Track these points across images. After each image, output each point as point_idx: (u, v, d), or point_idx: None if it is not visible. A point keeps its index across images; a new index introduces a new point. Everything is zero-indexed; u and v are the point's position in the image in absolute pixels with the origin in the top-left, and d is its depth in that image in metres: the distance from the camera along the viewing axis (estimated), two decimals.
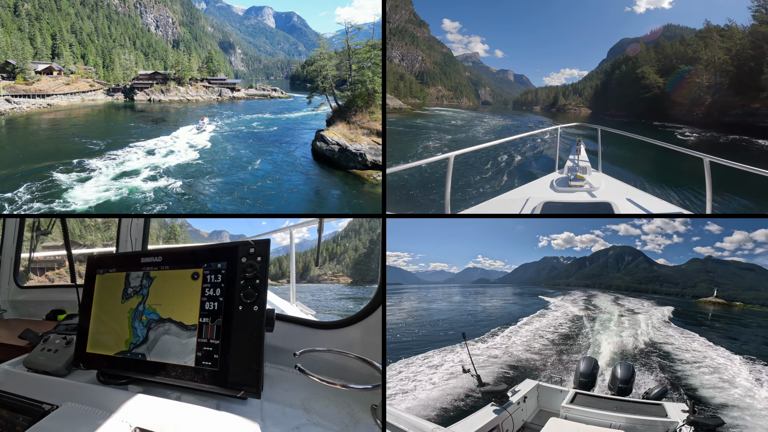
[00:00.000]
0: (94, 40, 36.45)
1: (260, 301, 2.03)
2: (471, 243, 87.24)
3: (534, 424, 3.79)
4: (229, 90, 35.55)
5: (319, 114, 22.35)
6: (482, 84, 57.63)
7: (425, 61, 54.66)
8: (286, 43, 73.39)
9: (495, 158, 20.19)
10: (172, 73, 34.32)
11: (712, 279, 47.22)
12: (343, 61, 19.54)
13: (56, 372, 2.47)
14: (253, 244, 2.10)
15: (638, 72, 39.81)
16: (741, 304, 37.77)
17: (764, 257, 54.73)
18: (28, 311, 4.95)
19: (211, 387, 2.03)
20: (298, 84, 51.12)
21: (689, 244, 68.86)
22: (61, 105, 29.36)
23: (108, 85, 32.86)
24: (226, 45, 58.96)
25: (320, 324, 2.83)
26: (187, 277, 2.19)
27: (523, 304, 26.75)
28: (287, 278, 5.45)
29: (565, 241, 73.42)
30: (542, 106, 52.18)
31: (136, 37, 40.48)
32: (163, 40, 45.21)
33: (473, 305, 26.55)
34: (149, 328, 2.23)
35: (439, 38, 56.42)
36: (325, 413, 2.19)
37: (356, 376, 2.42)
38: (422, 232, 70.52)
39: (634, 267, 55.94)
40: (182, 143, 20.97)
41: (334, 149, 16.53)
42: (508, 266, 76.04)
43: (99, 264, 2.52)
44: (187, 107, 32.18)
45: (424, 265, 73.76)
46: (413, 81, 52.64)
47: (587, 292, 37.24)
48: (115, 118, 27.35)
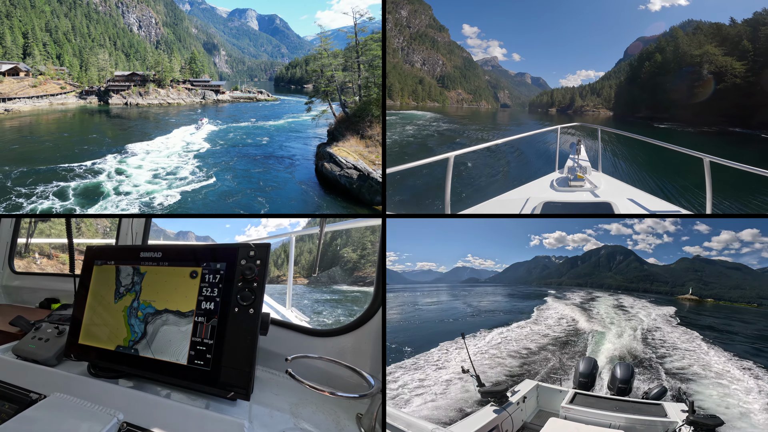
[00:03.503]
0: (71, 39, 35.21)
1: (257, 304, 2.06)
2: (460, 242, 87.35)
3: (533, 425, 3.81)
4: (213, 92, 34.47)
5: (315, 121, 19.32)
6: (501, 87, 59.38)
7: (446, 65, 56.80)
8: (269, 45, 74.31)
9: (495, 158, 20.31)
10: (152, 74, 32.65)
11: (700, 278, 48.21)
12: (350, 60, 16.38)
13: (46, 361, 2.47)
14: (253, 247, 2.13)
15: (696, 54, 35.07)
16: (712, 300, 39.60)
17: (750, 256, 56.18)
18: (22, 298, 4.93)
19: (202, 386, 2.07)
20: (282, 86, 51.32)
21: (679, 244, 70.09)
22: (23, 110, 26.73)
23: (81, 88, 30.77)
24: (210, 46, 58.97)
25: (314, 331, 2.88)
26: (186, 275, 2.22)
27: (519, 303, 26.90)
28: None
29: (557, 240, 74.07)
30: (558, 108, 52.92)
31: (117, 37, 39.67)
32: (146, 40, 44.68)
33: (467, 304, 26.60)
34: (146, 322, 2.25)
35: (460, 43, 59.13)
36: (312, 419, 2.24)
37: (345, 384, 2.48)
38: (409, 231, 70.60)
39: (625, 266, 56.73)
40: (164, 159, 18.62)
41: (352, 175, 12.52)
42: (498, 265, 76.23)
43: (97, 255, 2.52)
44: (167, 111, 30.58)
45: (411, 265, 73.54)
46: (433, 84, 54.37)
47: (584, 291, 37.66)
48: (87, 126, 25.26)
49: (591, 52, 58.36)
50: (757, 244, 56.04)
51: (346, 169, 12.66)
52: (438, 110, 49.48)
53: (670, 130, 35.68)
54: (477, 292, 38.62)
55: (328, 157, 13.20)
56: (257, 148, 20.42)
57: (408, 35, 56.17)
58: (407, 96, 51.32)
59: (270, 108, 33.26)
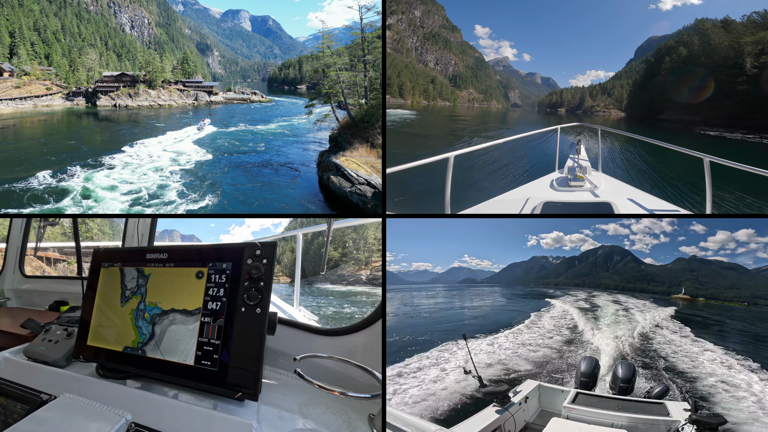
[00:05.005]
0: (60, 38, 34.53)
1: (263, 303, 2.07)
2: (456, 242, 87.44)
3: (536, 425, 3.83)
4: (206, 93, 33.75)
5: (318, 125, 18.01)
6: (511, 87, 60.17)
7: (458, 64, 58.20)
8: (262, 46, 74.70)
9: (495, 158, 20.29)
10: (142, 74, 31.46)
11: (696, 278, 48.65)
12: (355, 58, 14.79)
13: (56, 363, 2.51)
14: (259, 246, 2.14)
15: (749, 41, 30.46)
16: (703, 300, 40.39)
17: (745, 256, 56.79)
18: (32, 301, 5.06)
19: (209, 387, 2.07)
20: (276, 86, 51.37)
21: (675, 244, 70.76)
22: (4, 113, 25.43)
23: (68, 89, 29.56)
24: (203, 47, 58.97)
25: (322, 330, 2.86)
26: (192, 276, 2.24)
27: (519, 303, 26.99)
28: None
29: (555, 240, 74.45)
30: (567, 108, 52.99)
31: (108, 37, 39.31)
32: (139, 40, 44.42)
33: (465, 305, 26.62)
34: (154, 323, 2.27)
35: (472, 43, 60.64)
36: (322, 420, 2.22)
37: (356, 384, 2.46)
38: (405, 231, 70.45)
39: (622, 266, 57.15)
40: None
41: (365, 193, 10.77)
42: (495, 266, 76.52)
43: (104, 257, 2.56)
44: (158, 113, 29.27)
45: (407, 265, 73.52)
46: (445, 84, 55.11)
47: (585, 291, 37.82)
48: (68, 130, 23.18)
49: (601, 52, 58.92)
50: (752, 244, 56.62)
51: (358, 185, 11.00)
52: (449, 110, 49.80)
53: (719, 138, 30.90)
54: (475, 293, 38.66)
55: (335, 168, 11.53)
56: (253, 156, 19.00)
57: (421, 35, 57.25)
58: (418, 95, 51.82)
59: (264, 110, 32.69)
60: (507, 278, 65.79)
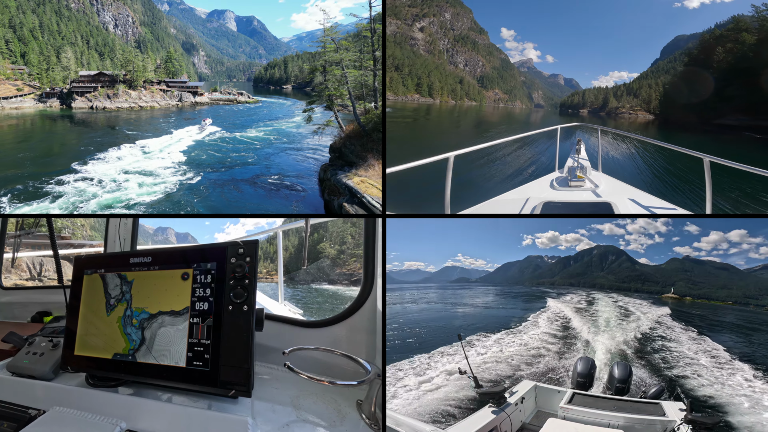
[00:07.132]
0: (38, 36, 33.45)
1: (250, 300, 2.12)
2: (449, 241, 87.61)
3: (532, 425, 3.86)
4: (190, 94, 32.69)
5: (312, 132, 15.96)
6: (535, 88, 61.55)
7: (485, 66, 60.71)
8: (247, 47, 75.41)
9: (495, 158, 20.41)
10: (122, 74, 30.01)
11: (689, 278, 49.41)
12: (363, 53, 12.83)
13: (42, 376, 2.48)
14: (242, 245, 2.19)
15: None
16: (690, 299, 41.76)
17: (737, 257, 57.85)
18: (13, 313, 4.95)
19: (202, 387, 2.11)
20: (261, 86, 51.27)
21: (669, 244, 71.63)
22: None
23: (42, 89, 28.07)
24: (189, 47, 58.82)
25: (308, 323, 3.00)
26: (177, 278, 2.27)
27: (514, 303, 27.11)
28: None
29: (550, 240, 74.91)
30: (590, 109, 53.02)
31: (90, 36, 38.62)
32: (123, 40, 43.89)
33: (458, 304, 26.67)
34: (143, 328, 2.28)
35: (498, 45, 63.42)
36: (314, 410, 2.32)
37: (343, 372, 2.58)
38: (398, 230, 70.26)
39: (617, 266, 57.73)
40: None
41: None
42: (489, 265, 76.66)
43: (87, 264, 2.55)
44: (139, 116, 27.98)
45: (398, 264, 73.64)
46: (473, 84, 57.62)
47: (581, 291, 38.17)
48: (29, 137, 20.82)
49: (624, 52, 59.63)
50: (744, 244, 57.66)
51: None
52: (475, 109, 50.78)
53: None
54: (468, 292, 38.80)
55: (348, 192, 9.39)
56: (247, 170, 16.51)
57: (452, 37, 59.48)
58: (446, 95, 52.71)
59: (251, 112, 32.03)
60: (501, 278, 66.10)
